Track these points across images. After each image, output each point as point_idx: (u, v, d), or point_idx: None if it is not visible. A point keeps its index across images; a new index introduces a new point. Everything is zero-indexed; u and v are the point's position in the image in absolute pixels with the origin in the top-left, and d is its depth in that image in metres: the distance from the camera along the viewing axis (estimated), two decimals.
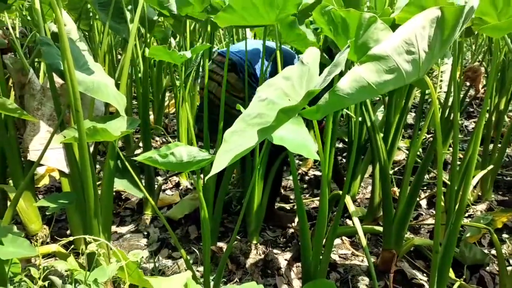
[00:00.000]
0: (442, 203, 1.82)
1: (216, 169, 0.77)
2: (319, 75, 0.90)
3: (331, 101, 0.76)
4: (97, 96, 1.18)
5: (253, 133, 0.81)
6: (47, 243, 1.85)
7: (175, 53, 1.18)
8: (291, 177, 2.65)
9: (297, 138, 1.11)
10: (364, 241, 1.52)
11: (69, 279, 1.05)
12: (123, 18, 1.69)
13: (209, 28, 1.72)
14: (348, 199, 1.58)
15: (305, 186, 2.62)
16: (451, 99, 1.65)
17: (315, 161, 2.82)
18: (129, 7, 1.84)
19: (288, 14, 1.33)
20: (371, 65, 0.75)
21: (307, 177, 2.72)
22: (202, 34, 2.54)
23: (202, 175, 1.84)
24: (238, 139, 0.81)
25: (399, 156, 2.91)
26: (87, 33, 2.38)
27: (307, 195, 2.49)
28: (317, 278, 1.44)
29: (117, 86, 1.39)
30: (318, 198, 2.32)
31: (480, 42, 3.85)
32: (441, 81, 1.80)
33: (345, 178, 2.34)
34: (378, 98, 3.52)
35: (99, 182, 1.80)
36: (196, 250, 1.90)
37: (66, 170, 1.63)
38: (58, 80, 1.51)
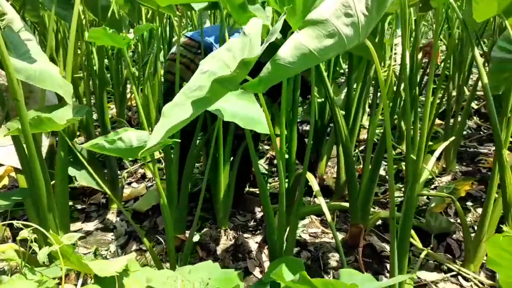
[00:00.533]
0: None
1: (151, 142, 0.75)
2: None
3: (273, 71, 0.74)
4: (40, 84, 1.13)
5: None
6: None
7: (117, 35, 1.13)
8: (260, 161, 2.64)
9: (249, 114, 1.09)
10: (329, 217, 1.52)
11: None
12: (71, 4, 1.61)
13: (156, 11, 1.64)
14: (311, 178, 1.58)
15: (274, 169, 2.61)
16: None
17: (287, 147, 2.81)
18: None
19: None
20: (310, 31, 0.74)
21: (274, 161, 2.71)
22: (164, 21, 2.48)
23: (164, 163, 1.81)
24: (178, 113, 0.78)
25: (365, 134, 2.94)
26: (36, 25, 2.28)
27: (276, 178, 2.48)
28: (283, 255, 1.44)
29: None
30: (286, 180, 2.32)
31: (440, 20, 3.89)
32: (395, 54, 1.81)
33: (319, 162, 2.36)
34: (343, 80, 3.54)
35: None
36: (163, 240, 1.87)
37: (20, 166, 1.57)
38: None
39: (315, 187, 1.54)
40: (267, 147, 2.87)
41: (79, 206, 2.19)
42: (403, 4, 1.10)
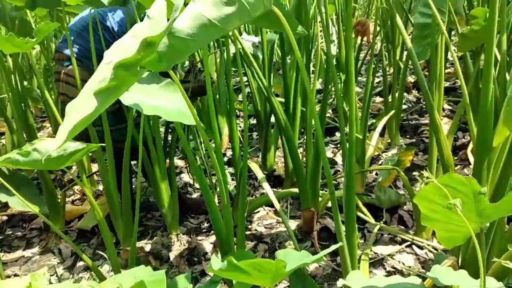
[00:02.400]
0: None
1: (55, 145, 0.67)
2: None
3: (172, 45, 0.69)
4: None
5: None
6: None
7: (15, 39, 1.03)
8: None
9: (173, 107, 1.03)
10: (277, 205, 1.48)
11: None
12: None
13: None
14: (254, 166, 1.54)
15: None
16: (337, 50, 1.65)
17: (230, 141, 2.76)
18: None
19: None
20: None
21: (225, 158, 2.65)
22: None
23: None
24: (81, 109, 0.71)
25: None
26: None
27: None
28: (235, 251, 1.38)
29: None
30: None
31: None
32: (321, 31, 1.81)
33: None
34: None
35: None
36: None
37: None
38: None
39: (259, 174, 1.50)
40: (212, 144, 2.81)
41: (19, 233, 2.04)
42: None
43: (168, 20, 0.80)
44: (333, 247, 0.73)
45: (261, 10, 0.76)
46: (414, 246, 1.63)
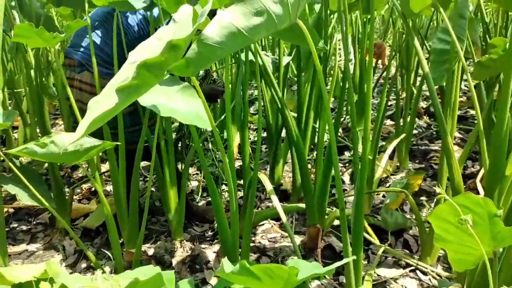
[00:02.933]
0: None
1: (75, 137, 0.69)
2: None
3: (200, 52, 0.70)
4: None
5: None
6: None
7: (45, 32, 1.06)
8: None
9: (190, 110, 1.05)
10: (284, 218, 1.48)
11: None
12: None
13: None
14: (264, 177, 1.54)
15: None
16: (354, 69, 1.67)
17: (239, 152, 2.77)
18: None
19: None
20: (237, 8, 0.71)
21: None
22: None
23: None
24: (103, 104, 0.73)
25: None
26: None
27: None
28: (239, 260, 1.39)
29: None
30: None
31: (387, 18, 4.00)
32: (339, 49, 1.83)
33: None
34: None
35: None
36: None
37: None
38: None
39: (268, 186, 1.50)
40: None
41: (24, 227, 2.05)
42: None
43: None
44: (343, 261, 0.74)
45: (287, 23, 0.78)
46: (418, 271, 1.62)
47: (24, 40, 1.13)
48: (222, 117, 2.52)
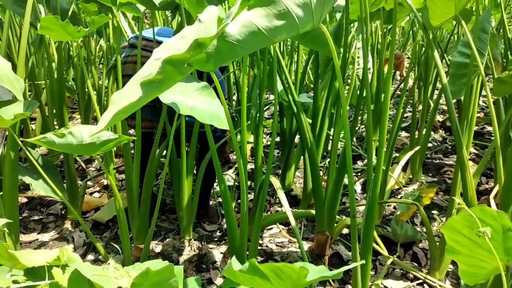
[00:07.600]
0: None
1: (98, 128, 0.70)
2: None
3: (220, 48, 0.71)
4: None
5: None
6: None
7: (70, 26, 1.08)
8: (228, 172, 2.59)
9: (208, 109, 1.06)
10: (293, 222, 1.48)
11: None
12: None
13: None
14: (275, 181, 1.54)
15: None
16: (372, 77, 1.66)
17: (252, 155, 2.78)
18: None
19: None
20: (260, 9, 0.72)
21: None
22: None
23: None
24: (126, 98, 0.74)
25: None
26: None
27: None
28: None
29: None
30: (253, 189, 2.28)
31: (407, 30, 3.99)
32: (358, 57, 1.83)
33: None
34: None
35: None
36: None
37: None
38: None
39: (277, 184, 1.50)
40: (233, 155, 2.83)
41: (36, 217, 2.09)
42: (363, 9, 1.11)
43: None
44: (352, 265, 0.73)
45: (309, 27, 0.79)
46: (425, 285, 1.60)
47: (49, 32, 1.15)
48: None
